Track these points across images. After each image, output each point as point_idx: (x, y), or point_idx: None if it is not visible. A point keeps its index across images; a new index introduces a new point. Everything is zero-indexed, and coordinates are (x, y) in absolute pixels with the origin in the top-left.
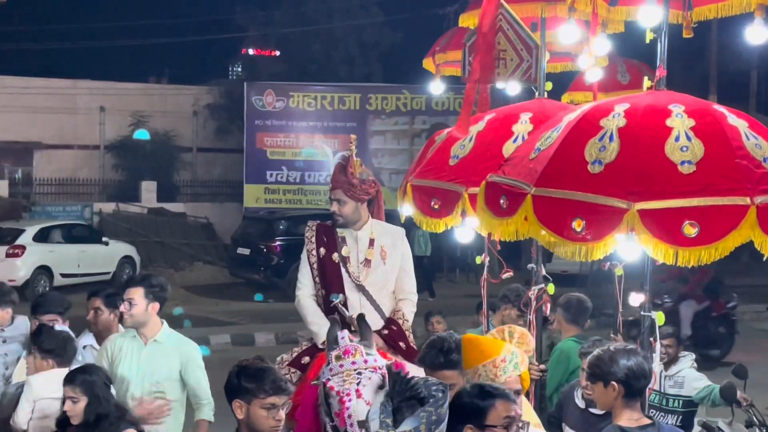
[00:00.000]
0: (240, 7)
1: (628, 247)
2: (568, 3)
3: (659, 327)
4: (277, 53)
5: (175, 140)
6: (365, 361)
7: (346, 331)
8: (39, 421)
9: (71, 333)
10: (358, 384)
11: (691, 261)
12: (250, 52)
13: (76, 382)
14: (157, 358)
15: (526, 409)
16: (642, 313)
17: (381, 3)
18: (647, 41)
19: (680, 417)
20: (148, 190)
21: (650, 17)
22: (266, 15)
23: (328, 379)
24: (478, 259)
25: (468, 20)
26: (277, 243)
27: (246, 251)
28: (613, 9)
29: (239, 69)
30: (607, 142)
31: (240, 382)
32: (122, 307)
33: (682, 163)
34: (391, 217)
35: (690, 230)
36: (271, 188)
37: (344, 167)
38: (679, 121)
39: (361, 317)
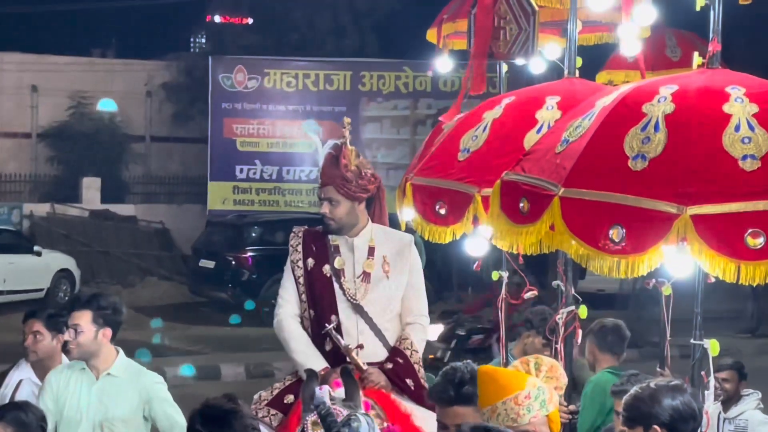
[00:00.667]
0: None
1: (679, 260)
2: None
3: (714, 358)
4: (250, 21)
5: (124, 127)
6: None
7: (325, 388)
8: None
9: None
10: None
11: (756, 278)
12: (217, 19)
13: (7, 420)
14: (112, 395)
15: None
16: (692, 341)
17: None
18: (698, 8)
19: None
20: (91, 188)
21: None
22: None
23: None
24: (495, 275)
25: None
26: (249, 254)
27: (210, 264)
28: None
29: (203, 40)
30: (652, 132)
31: (201, 429)
32: (66, 335)
33: (744, 157)
34: (391, 222)
35: (754, 241)
36: (242, 187)
37: (336, 158)
38: (740, 106)
39: (344, 371)
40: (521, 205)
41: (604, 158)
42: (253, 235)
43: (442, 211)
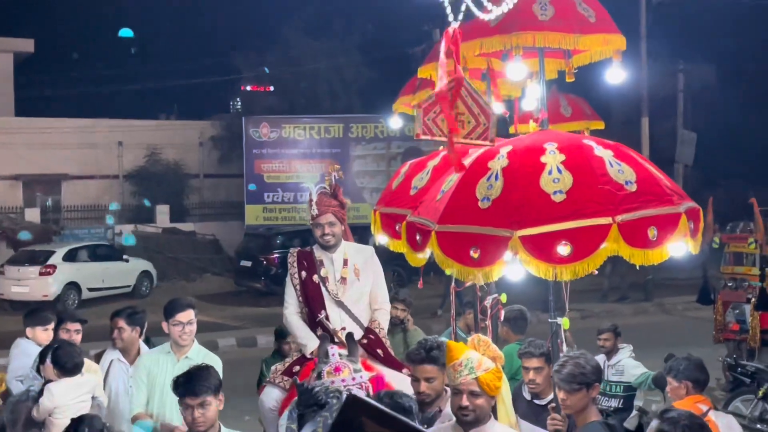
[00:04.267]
0: (238, 51)
1: (514, 268)
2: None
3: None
4: (271, 88)
5: (185, 168)
6: (353, 379)
7: (335, 347)
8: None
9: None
10: None
11: (567, 276)
12: (248, 88)
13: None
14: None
15: (499, 409)
16: (549, 320)
17: (360, 46)
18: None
19: (621, 400)
20: (162, 212)
21: (517, 72)
22: (261, 57)
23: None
24: (448, 271)
25: (425, 72)
26: (275, 255)
27: (248, 263)
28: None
29: (238, 103)
30: (494, 180)
31: (174, 389)
32: (180, 329)
33: (555, 192)
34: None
35: (564, 250)
36: (269, 207)
37: (332, 193)
38: (552, 157)
39: (349, 336)
40: (417, 238)
41: (463, 201)
42: (278, 241)
43: (400, 230)
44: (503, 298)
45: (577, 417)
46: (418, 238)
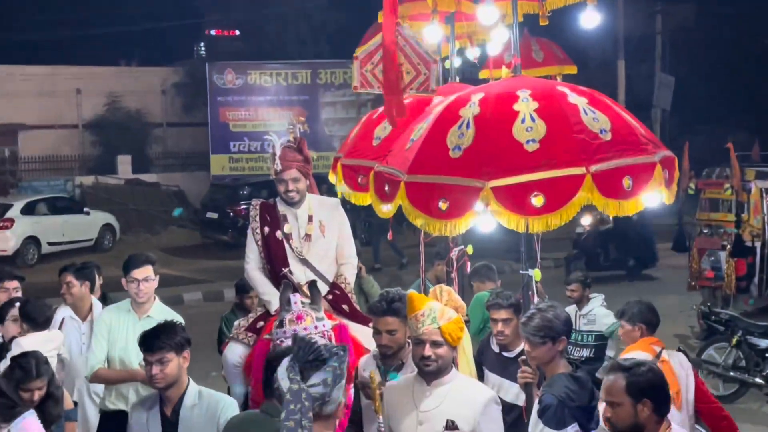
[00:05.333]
0: None
1: (485, 220)
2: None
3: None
4: (237, 33)
5: (147, 117)
6: (315, 327)
7: (298, 295)
8: None
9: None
10: None
11: (539, 227)
12: (212, 33)
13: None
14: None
15: (460, 360)
16: (521, 271)
17: None
18: (504, 28)
19: (593, 350)
20: (124, 163)
21: (488, 15)
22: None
23: (282, 341)
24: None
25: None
26: (242, 207)
27: (214, 215)
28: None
29: (202, 49)
30: (465, 129)
31: (139, 344)
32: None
33: (528, 141)
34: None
35: (537, 201)
36: (235, 157)
37: (298, 148)
38: (525, 104)
39: (312, 284)
40: (386, 188)
41: (433, 151)
42: (245, 192)
43: (363, 182)
44: (469, 249)
45: (545, 369)
46: (386, 188)
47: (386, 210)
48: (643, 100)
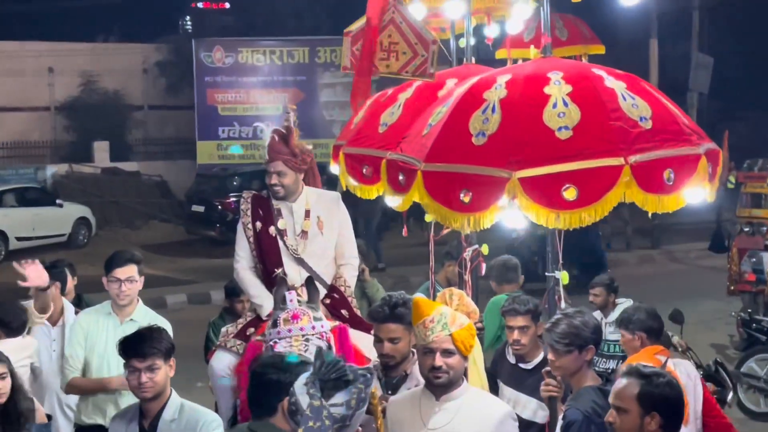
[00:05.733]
0: None
1: (512, 214)
2: None
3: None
4: (227, 5)
5: (126, 99)
6: (313, 327)
7: (294, 293)
8: None
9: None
10: (305, 351)
11: (572, 223)
12: (199, 5)
13: (5, 360)
14: None
15: (471, 371)
16: (547, 273)
17: None
18: (530, 9)
19: (620, 361)
20: (101, 150)
21: None
22: None
23: (276, 342)
24: (428, 217)
25: None
26: (232, 199)
27: (200, 208)
28: None
29: (188, 24)
30: (490, 113)
31: (119, 351)
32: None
33: (560, 129)
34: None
35: (569, 194)
36: (224, 144)
37: (285, 137)
38: (557, 88)
39: (309, 280)
40: (400, 178)
41: (454, 137)
42: (234, 183)
43: (368, 174)
44: (484, 249)
45: (571, 381)
46: (401, 178)
47: (399, 202)
48: (678, 83)
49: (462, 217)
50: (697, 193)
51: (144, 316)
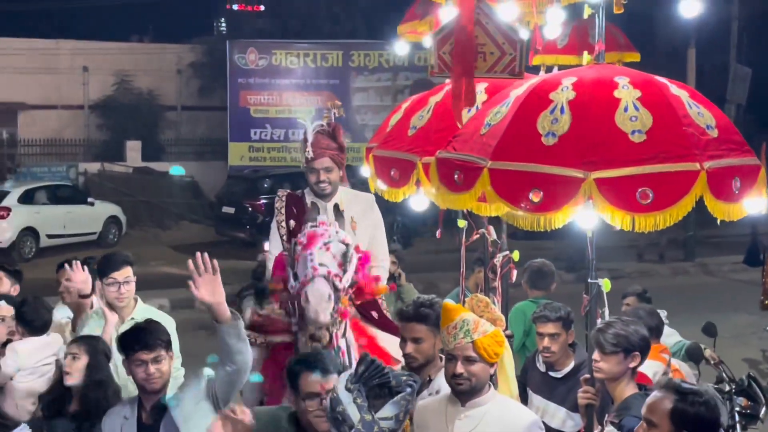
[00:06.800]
0: None
1: (586, 215)
2: None
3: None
4: (262, 8)
5: (160, 99)
6: (336, 232)
7: (325, 216)
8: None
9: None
10: (327, 242)
11: (647, 227)
12: (234, 7)
13: (81, 343)
14: None
15: (500, 379)
16: (589, 280)
17: None
18: (585, 17)
19: None
20: (133, 149)
21: None
22: None
23: (299, 238)
24: (461, 223)
25: None
26: (262, 201)
27: (231, 210)
28: None
29: (223, 25)
30: (559, 114)
31: (119, 346)
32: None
33: (633, 132)
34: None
35: (644, 197)
36: (256, 146)
37: (332, 134)
38: (626, 92)
39: (335, 207)
40: (456, 176)
41: (521, 136)
42: (265, 185)
43: (396, 177)
44: (515, 255)
45: (611, 388)
46: (457, 176)
47: (457, 201)
48: (715, 94)
49: (532, 217)
50: (756, 203)
51: (145, 314)
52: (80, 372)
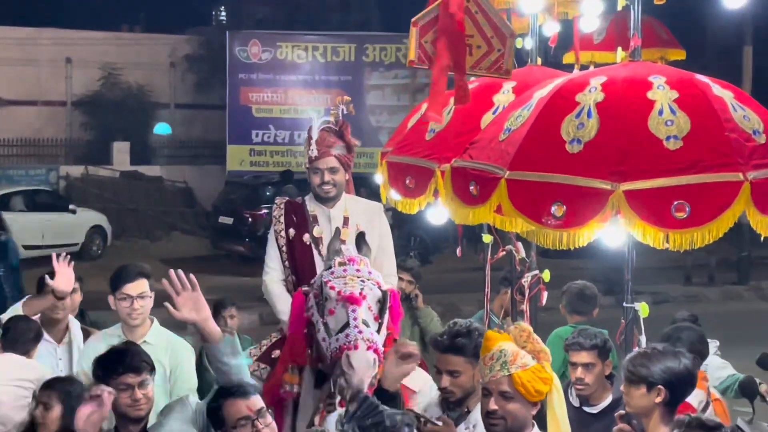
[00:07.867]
0: None
1: (614, 231)
2: None
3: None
4: None
5: (151, 95)
6: (369, 272)
7: (350, 244)
8: None
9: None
10: (361, 289)
11: (683, 245)
12: None
13: (52, 388)
14: None
15: (549, 423)
16: (625, 304)
17: None
18: (619, 8)
19: None
20: (121, 151)
21: None
22: None
23: (329, 280)
24: (486, 238)
25: None
26: (264, 211)
27: (229, 220)
28: None
29: (222, 14)
30: (585, 118)
31: (98, 369)
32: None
33: (668, 138)
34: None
35: (680, 210)
36: (257, 149)
37: (339, 132)
38: (662, 93)
39: (361, 235)
40: (471, 188)
41: (543, 143)
42: (268, 193)
43: (411, 186)
44: (546, 275)
45: (645, 426)
46: (473, 188)
47: (472, 215)
48: None
49: (554, 233)
50: None
51: (159, 337)
52: (55, 423)
